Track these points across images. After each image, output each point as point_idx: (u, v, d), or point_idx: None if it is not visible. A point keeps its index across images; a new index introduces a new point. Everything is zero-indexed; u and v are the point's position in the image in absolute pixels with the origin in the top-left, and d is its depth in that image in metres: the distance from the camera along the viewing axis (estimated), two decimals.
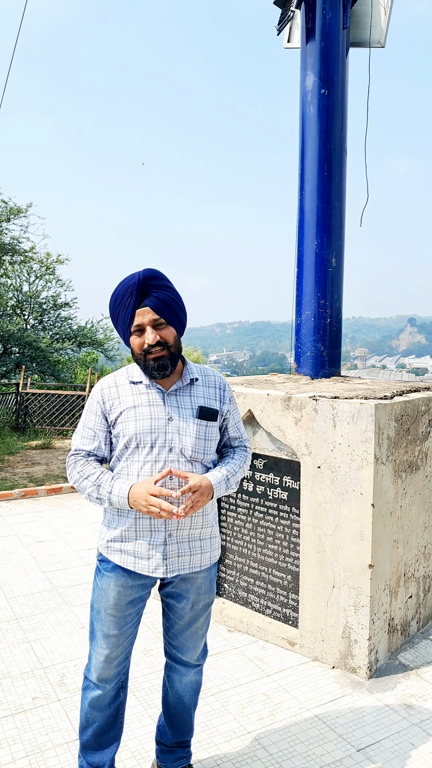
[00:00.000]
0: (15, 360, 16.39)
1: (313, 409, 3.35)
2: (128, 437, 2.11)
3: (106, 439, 2.18)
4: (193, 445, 2.15)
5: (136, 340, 2.11)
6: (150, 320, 2.08)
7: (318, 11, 4.12)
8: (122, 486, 2.06)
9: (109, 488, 2.07)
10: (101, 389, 2.18)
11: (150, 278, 2.08)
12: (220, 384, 2.29)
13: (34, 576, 4.69)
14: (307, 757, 2.63)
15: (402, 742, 2.72)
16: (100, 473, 2.11)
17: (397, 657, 3.42)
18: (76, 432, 2.23)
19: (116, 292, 2.11)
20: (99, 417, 2.17)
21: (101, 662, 2.20)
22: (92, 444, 2.17)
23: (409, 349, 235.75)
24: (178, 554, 2.15)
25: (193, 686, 2.40)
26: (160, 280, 2.11)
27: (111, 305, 2.14)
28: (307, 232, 4.24)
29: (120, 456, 2.16)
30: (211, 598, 2.31)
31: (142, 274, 2.07)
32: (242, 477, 2.31)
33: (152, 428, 2.12)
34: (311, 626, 3.42)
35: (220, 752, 2.66)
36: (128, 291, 2.07)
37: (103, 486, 2.08)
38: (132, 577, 2.16)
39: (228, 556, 3.97)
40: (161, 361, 2.09)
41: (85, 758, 2.30)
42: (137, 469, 2.12)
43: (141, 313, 2.07)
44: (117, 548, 2.15)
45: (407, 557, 3.52)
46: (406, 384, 4.15)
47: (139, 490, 2.03)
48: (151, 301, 2.07)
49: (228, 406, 2.29)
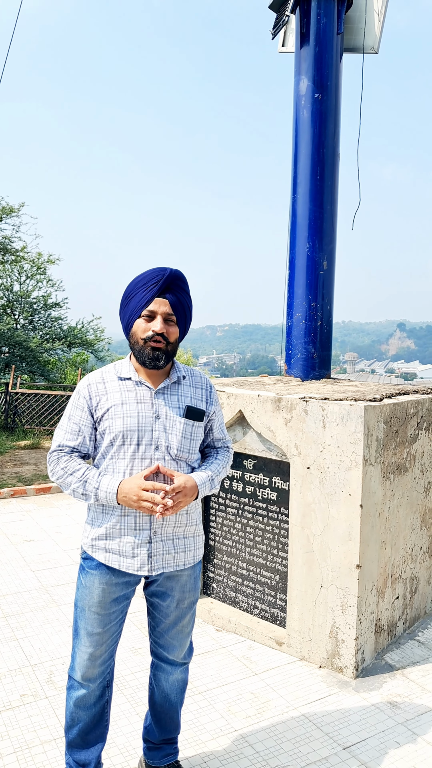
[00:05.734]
0: (5, 360, 16.33)
1: (303, 411, 3.38)
2: (114, 434, 2.13)
3: (90, 435, 2.18)
4: (179, 444, 2.18)
5: (142, 324, 2.14)
6: (164, 312, 2.13)
7: (313, 16, 4.16)
8: (111, 482, 2.08)
9: (96, 484, 2.08)
10: (88, 384, 2.19)
11: (178, 278, 2.16)
12: (206, 386, 2.34)
13: (22, 574, 4.68)
14: (294, 754, 2.65)
15: (387, 740, 2.75)
16: (86, 469, 2.12)
17: (384, 657, 3.45)
18: (59, 428, 2.21)
19: (142, 276, 2.15)
20: (85, 412, 2.16)
21: (85, 660, 2.21)
22: (76, 440, 2.17)
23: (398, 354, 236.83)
24: (163, 552, 2.17)
25: (180, 684, 2.42)
26: (184, 283, 2.19)
27: (131, 286, 2.17)
28: (299, 235, 4.28)
29: (105, 453, 2.17)
30: (195, 595, 2.33)
31: (173, 270, 2.15)
32: (225, 477, 2.35)
33: (139, 425, 2.14)
34: (299, 626, 3.45)
35: (207, 749, 2.68)
36: (155, 278, 2.12)
37: (89, 482, 2.09)
38: (116, 575, 2.17)
39: (217, 555, 3.98)
40: (157, 352, 2.13)
41: (71, 756, 2.30)
42: (123, 466, 2.13)
43: (159, 303, 2.12)
44: (102, 546, 2.16)
45: (395, 558, 3.56)
46: (396, 387, 4.19)
47: (130, 485, 2.05)
48: (172, 297, 2.14)
49: (214, 408, 2.34)
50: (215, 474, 2.24)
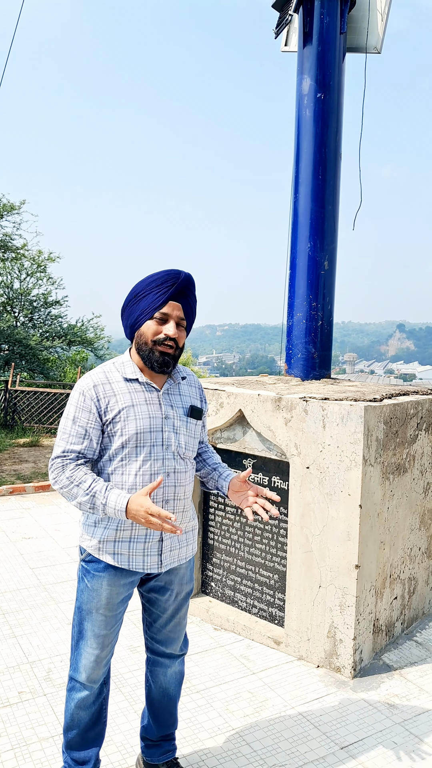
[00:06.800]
0: (4, 357, 16.31)
1: (303, 410, 3.38)
2: (128, 436, 2.09)
3: (98, 438, 2.11)
4: (186, 443, 2.22)
5: (152, 327, 2.11)
6: (177, 316, 2.13)
7: (316, 16, 4.16)
8: (118, 499, 1.99)
9: (104, 500, 2.01)
10: (94, 386, 2.10)
11: (190, 282, 2.16)
12: (199, 384, 2.40)
13: (21, 572, 4.68)
14: (291, 753, 2.65)
15: (385, 740, 2.75)
16: (92, 481, 2.04)
17: (382, 657, 3.45)
18: (62, 432, 2.12)
19: (154, 276, 2.12)
20: (93, 415, 2.09)
21: (92, 663, 2.20)
22: (82, 443, 2.09)
23: (397, 355, 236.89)
24: (171, 548, 2.20)
25: (178, 677, 2.44)
26: (194, 288, 2.21)
27: (140, 286, 2.13)
28: (301, 234, 4.28)
29: (114, 455, 2.11)
30: (191, 586, 2.38)
31: (186, 274, 2.15)
32: None
33: (151, 427, 2.13)
34: (297, 625, 3.45)
35: (204, 748, 2.68)
36: (170, 281, 2.10)
37: (97, 497, 2.01)
38: (123, 575, 2.17)
39: (215, 554, 3.98)
40: (167, 357, 2.12)
41: (69, 755, 2.30)
42: (135, 468, 2.11)
43: (173, 306, 2.12)
44: (110, 549, 2.13)
45: (393, 559, 3.56)
46: (396, 387, 4.19)
47: (135, 507, 1.96)
48: (186, 302, 2.16)
49: (206, 406, 2.42)
50: None
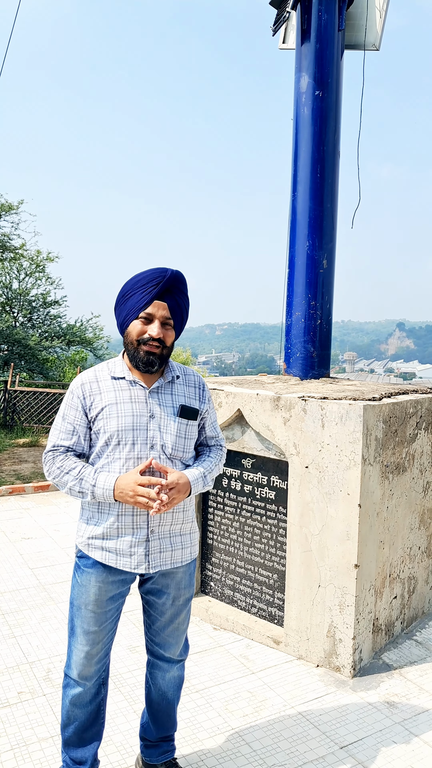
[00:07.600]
0: (3, 357, 16.30)
1: (302, 410, 3.37)
2: (109, 434, 2.12)
3: (85, 435, 2.17)
4: (173, 443, 2.19)
5: (138, 326, 2.12)
6: (162, 316, 2.12)
7: (314, 13, 4.15)
8: (107, 479, 2.08)
9: (93, 481, 2.08)
10: (81, 384, 2.17)
11: (178, 280, 2.14)
12: (199, 384, 2.34)
13: (20, 572, 4.68)
14: (291, 753, 2.65)
15: (384, 740, 2.75)
16: (81, 467, 2.12)
17: (381, 657, 3.45)
18: (54, 428, 2.20)
19: (141, 276, 2.13)
20: (79, 412, 2.15)
21: (82, 659, 2.21)
22: (71, 440, 2.16)
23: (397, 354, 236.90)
24: (160, 550, 2.18)
25: (176, 681, 2.43)
26: (184, 285, 2.17)
27: (128, 285, 2.15)
28: (299, 233, 4.27)
29: (100, 453, 2.16)
30: (191, 592, 2.34)
31: (174, 272, 2.12)
32: (217, 475, 2.37)
33: (134, 425, 2.13)
34: (296, 625, 3.44)
35: (204, 747, 2.67)
36: (155, 280, 2.10)
37: (85, 479, 2.09)
38: (112, 573, 2.17)
39: (215, 554, 3.98)
40: (152, 357, 2.12)
41: (67, 754, 2.31)
42: (119, 466, 2.13)
43: (158, 306, 2.11)
44: (98, 545, 2.16)
45: (393, 558, 3.55)
46: (395, 386, 4.18)
47: (126, 481, 2.05)
48: (171, 300, 2.13)
49: (206, 406, 2.35)
50: (208, 471, 2.25)
